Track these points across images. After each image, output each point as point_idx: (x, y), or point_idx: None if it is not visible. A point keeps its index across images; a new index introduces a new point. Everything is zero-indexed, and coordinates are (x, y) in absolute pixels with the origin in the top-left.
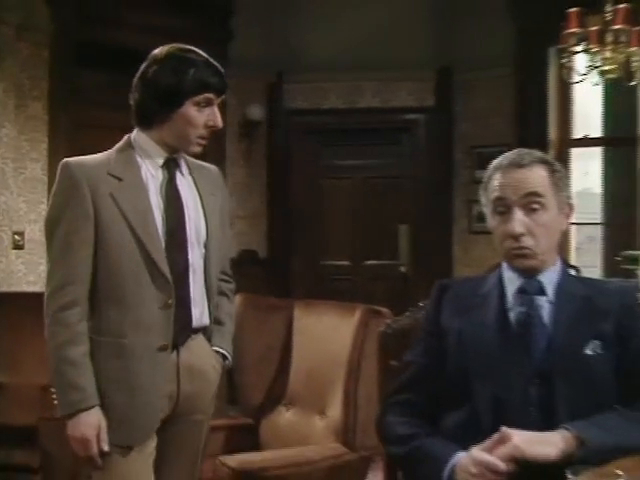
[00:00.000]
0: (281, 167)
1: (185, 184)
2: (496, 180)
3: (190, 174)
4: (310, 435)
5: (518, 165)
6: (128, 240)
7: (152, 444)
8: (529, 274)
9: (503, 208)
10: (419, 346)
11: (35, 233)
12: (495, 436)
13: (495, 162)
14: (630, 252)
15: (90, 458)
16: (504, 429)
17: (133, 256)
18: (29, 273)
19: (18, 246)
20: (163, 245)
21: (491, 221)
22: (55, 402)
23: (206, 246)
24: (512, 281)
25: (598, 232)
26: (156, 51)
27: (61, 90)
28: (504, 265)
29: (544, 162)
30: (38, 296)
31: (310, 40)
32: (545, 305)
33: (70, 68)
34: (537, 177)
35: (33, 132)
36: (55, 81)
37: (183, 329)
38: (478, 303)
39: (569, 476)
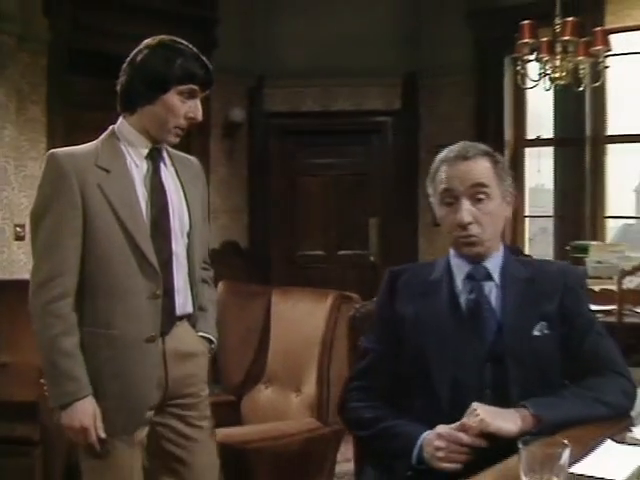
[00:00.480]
0: (261, 165)
1: (168, 175)
2: (443, 172)
3: (172, 165)
4: (287, 411)
5: (463, 157)
6: (116, 231)
7: (142, 433)
8: (476, 260)
9: (451, 199)
10: (375, 333)
11: None
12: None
13: (441, 155)
14: (579, 242)
15: (90, 445)
16: (474, 405)
17: (121, 247)
18: (29, 262)
19: (19, 237)
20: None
21: (439, 211)
22: (46, 393)
23: (189, 236)
24: (460, 267)
25: (550, 224)
26: (148, 40)
27: (58, 95)
28: (451, 252)
29: (487, 154)
30: None
31: (288, 48)
32: (492, 289)
33: (66, 75)
34: (482, 168)
35: (32, 133)
36: (52, 86)
37: (168, 318)
38: (429, 290)
39: (520, 445)
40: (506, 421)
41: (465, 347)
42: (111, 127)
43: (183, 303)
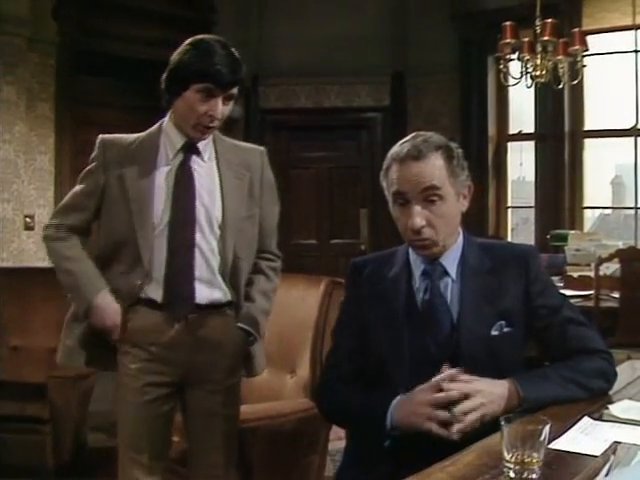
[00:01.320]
0: None
1: (204, 167)
2: (394, 172)
3: (216, 158)
4: (282, 391)
5: (414, 158)
6: (122, 220)
7: (164, 406)
8: (432, 258)
9: (402, 200)
10: (343, 328)
11: (44, 216)
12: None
13: (393, 151)
14: (558, 231)
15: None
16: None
17: (123, 235)
18: (38, 251)
19: (29, 227)
20: (166, 223)
21: (392, 210)
22: (74, 306)
23: (221, 228)
24: (417, 264)
25: (531, 214)
26: (191, 38)
27: (65, 93)
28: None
29: (440, 148)
30: (46, 271)
31: (282, 49)
32: (449, 285)
33: (73, 74)
34: (434, 169)
35: (41, 129)
36: (60, 85)
37: (183, 304)
38: (388, 289)
39: (502, 423)
40: (497, 409)
41: (420, 349)
42: (160, 121)
43: (209, 292)
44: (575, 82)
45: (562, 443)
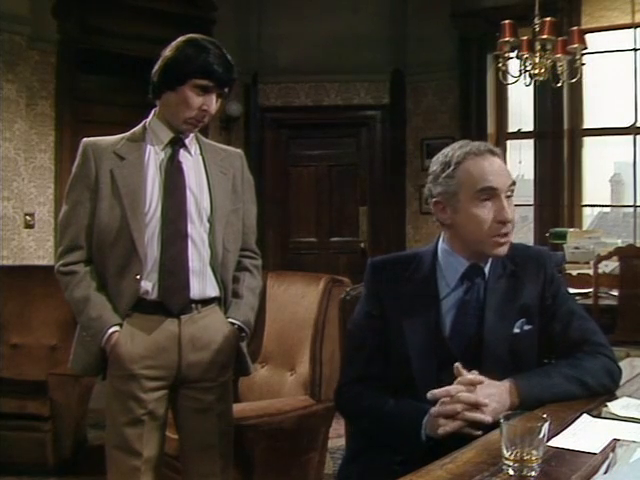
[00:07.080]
0: (256, 156)
1: (191, 161)
2: (478, 168)
3: (201, 154)
4: (282, 389)
5: (493, 153)
6: (116, 216)
7: (159, 410)
8: (477, 260)
9: (488, 195)
10: (366, 328)
11: (44, 214)
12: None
13: (460, 150)
14: (557, 229)
15: None
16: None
17: (117, 231)
18: (39, 249)
19: (29, 225)
20: (159, 216)
21: (471, 208)
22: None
23: (210, 221)
24: (453, 266)
25: (530, 212)
26: (182, 36)
27: (66, 91)
28: (442, 247)
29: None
30: (46, 269)
31: (281, 47)
32: (481, 288)
33: (74, 72)
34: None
35: (42, 127)
36: (61, 83)
37: (179, 296)
38: (414, 290)
39: (501, 420)
40: (499, 412)
41: (445, 350)
42: (143, 122)
43: (201, 286)
44: (574, 80)
45: (561, 440)
